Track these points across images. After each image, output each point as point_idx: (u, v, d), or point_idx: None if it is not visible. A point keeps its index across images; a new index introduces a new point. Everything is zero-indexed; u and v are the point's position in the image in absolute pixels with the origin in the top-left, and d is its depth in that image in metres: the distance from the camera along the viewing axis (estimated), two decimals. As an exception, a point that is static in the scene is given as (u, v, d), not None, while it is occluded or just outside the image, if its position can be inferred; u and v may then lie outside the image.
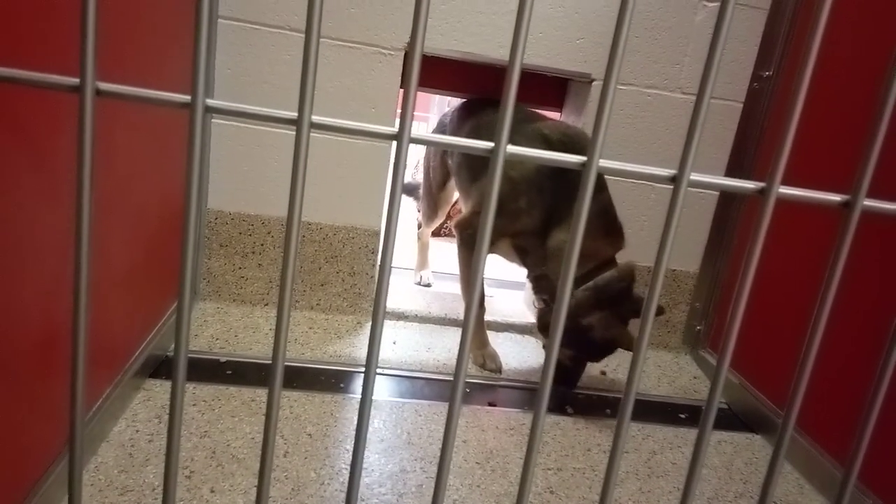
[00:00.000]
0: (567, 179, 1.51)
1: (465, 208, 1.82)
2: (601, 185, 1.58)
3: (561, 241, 1.53)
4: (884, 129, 0.40)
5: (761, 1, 1.77)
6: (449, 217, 2.49)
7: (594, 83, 1.81)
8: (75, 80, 0.35)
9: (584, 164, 0.38)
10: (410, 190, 2.46)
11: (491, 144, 0.38)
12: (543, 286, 1.60)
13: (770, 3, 1.77)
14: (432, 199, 2.12)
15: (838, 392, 1.35)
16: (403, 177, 0.39)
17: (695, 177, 0.39)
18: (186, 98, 0.35)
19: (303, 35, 1.68)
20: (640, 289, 1.55)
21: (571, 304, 1.52)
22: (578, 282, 1.50)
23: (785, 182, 0.40)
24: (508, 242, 1.62)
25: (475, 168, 1.72)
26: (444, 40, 1.72)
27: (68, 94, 0.36)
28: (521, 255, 1.63)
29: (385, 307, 0.42)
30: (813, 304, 0.41)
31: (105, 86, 0.35)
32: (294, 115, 0.36)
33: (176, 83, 1.36)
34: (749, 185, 0.40)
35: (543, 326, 1.62)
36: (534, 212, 1.54)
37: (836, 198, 0.41)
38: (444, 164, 2.00)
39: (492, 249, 1.67)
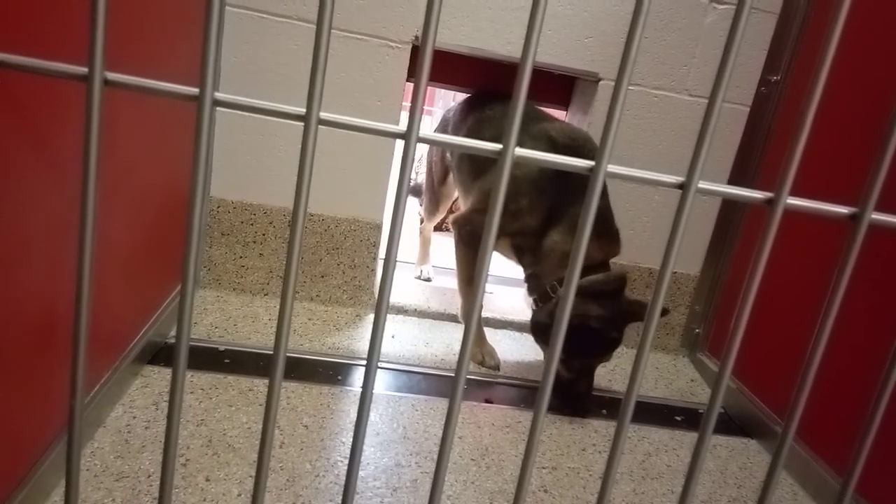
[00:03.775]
0: (567, 181, 1.50)
1: (464, 205, 1.81)
2: (601, 191, 1.57)
3: (555, 242, 1.52)
4: (895, 140, 0.40)
5: (772, 4, 1.76)
6: (451, 212, 2.49)
7: (601, 82, 1.80)
8: (84, 70, 0.35)
9: (591, 169, 0.38)
10: (416, 192, 2.46)
11: (499, 147, 0.38)
12: (534, 286, 1.60)
13: (780, 7, 1.76)
14: (434, 194, 2.12)
15: (834, 400, 1.35)
16: (410, 175, 0.39)
17: (703, 185, 0.39)
18: (195, 91, 0.35)
19: (310, 25, 1.67)
20: (639, 293, 1.55)
21: (551, 305, 1.50)
22: (563, 284, 1.49)
23: (791, 189, 0.40)
24: (507, 241, 1.62)
25: (477, 165, 1.72)
26: (451, 35, 1.71)
27: (74, 82, 0.36)
28: (519, 254, 1.63)
29: (389, 301, 0.42)
30: (813, 310, 0.41)
31: (113, 76, 0.35)
32: (302, 110, 0.36)
33: (182, 70, 1.35)
34: (757, 195, 0.40)
35: (534, 327, 1.60)
36: (534, 212, 1.53)
37: (843, 210, 0.41)
38: (445, 159, 2.00)
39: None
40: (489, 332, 1.83)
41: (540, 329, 1.56)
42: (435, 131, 2.25)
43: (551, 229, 1.53)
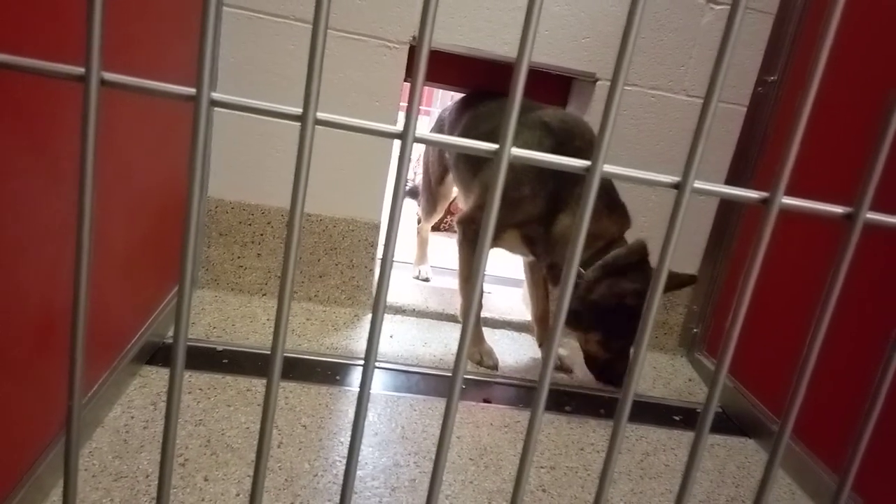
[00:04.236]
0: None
1: (465, 203, 1.81)
2: None
3: (565, 227, 1.51)
4: (889, 140, 0.40)
5: (769, 5, 1.76)
6: (449, 212, 2.48)
7: (598, 83, 1.80)
8: (80, 70, 0.35)
9: (587, 169, 0.38)
10: (413, 194, 2.46)
11: (495, 146, 0.38)
12: (557, 275, 1.59)
13: (777, 7, 1.76)
14: (431, 195, 2.12)
15: (832, 399, 1.36)
16: (407, 175, 0.39)
17: (698, 185, 0.39)
18: (191, 91, 0.35)
19: (307, 25, 1.67)
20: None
21: (582, 286, 1.49)
22: (586, 264, 1.49)
23: (786, 188, 0.40)
24: (516, 233, 1.61)
25: (475, 161, 1.72)
26: (448, 35, 1.71)
27: (71, 82, 0.36)
28: (530, 244, 1.62)
29: (386, 301, 0.42)
30: (809, 310, 0.41)
31: (110, 76, 0.35)
32: (299, 111, 0.36)
33: (179, 70, 1.35)
34: (752, 194, 0.40)
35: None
36: (537, 199, 1.53)
37: (838, 210, 0.41)
38: (442, 159, 2.00)
39: (498, 243, 1.66)
40: (487, 332, 1.83)
41: (572, 316, 1.55)
42: (431, 131, 2.25)
43: (560, 213, 1.52)
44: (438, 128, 2.06)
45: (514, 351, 1.83)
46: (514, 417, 1.47)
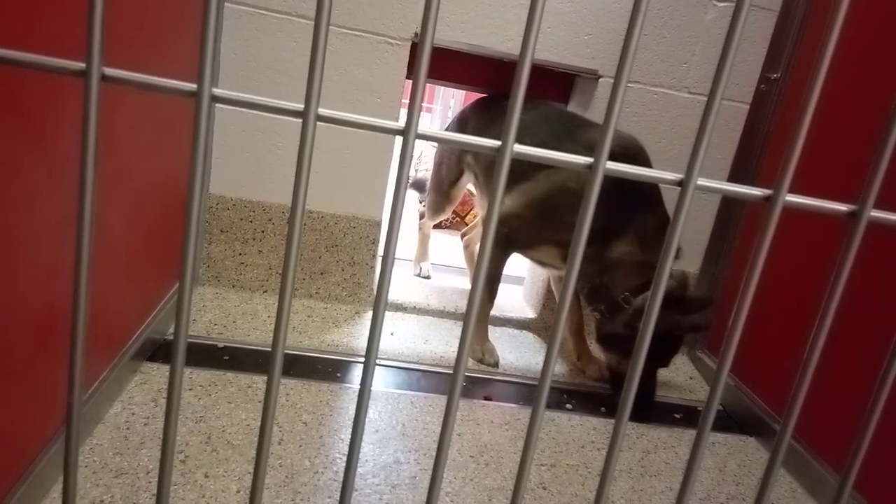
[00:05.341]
0: (628, 191, 1.49)
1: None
2: (658, 200, 1.57)
3: (623, 254, 1.51)
4: (894, 137, 0.40)
5: (772, 2, 1.76)
6: (455, 213, 2.47)
7: (601, 79, 1.80)
8: (81, 65, 0.35)
9: (590, 167, 0.38)
10: (419, 186, 2.43)
11: (497, 143, 0.37)
12: (601, 296, 1.57)
13: (780, 4, 1.76)
14: (441, 196, 2.09)
15: (833, 398, 1.36)
16: (409, 172, 0.39)
17: (702, 182, 0.39)
18: (192, 87, 0.35)
19: (309, 21, 1.67)
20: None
21: (631, 313, 1.49)
22: (637, 291, 1.50)
23: (790, 186, 0.40)
24: (555, 250, 1.60)
25: (515, 170, 1.69)
26: (451, 32, 1.71)
27: (72, 77, 0.36)
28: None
29: (387, 298, 0.42)
30: (812, 308, 0.41)
31: (111, 71, 0.35)
32: (300, 106, 0.36)
33: (181, 66, 1.35)
34: (756, 192, 0.40)
35: (603, 338, 1.59)
36: (592, 223, 1.51)
37: (842, 207, 0.41)
38: (461, 162, 1.96)
39: (531, 253, 1.66)
40: (489, 330, 1.82)
41: (614, 340, 1.56)
42: (448, 130, 2.22)
43: (615, 240, 1.52)
44: (460, 128, 2.01)
45: (514, 349, 1.83)
46: (515, 415, 1.47)
